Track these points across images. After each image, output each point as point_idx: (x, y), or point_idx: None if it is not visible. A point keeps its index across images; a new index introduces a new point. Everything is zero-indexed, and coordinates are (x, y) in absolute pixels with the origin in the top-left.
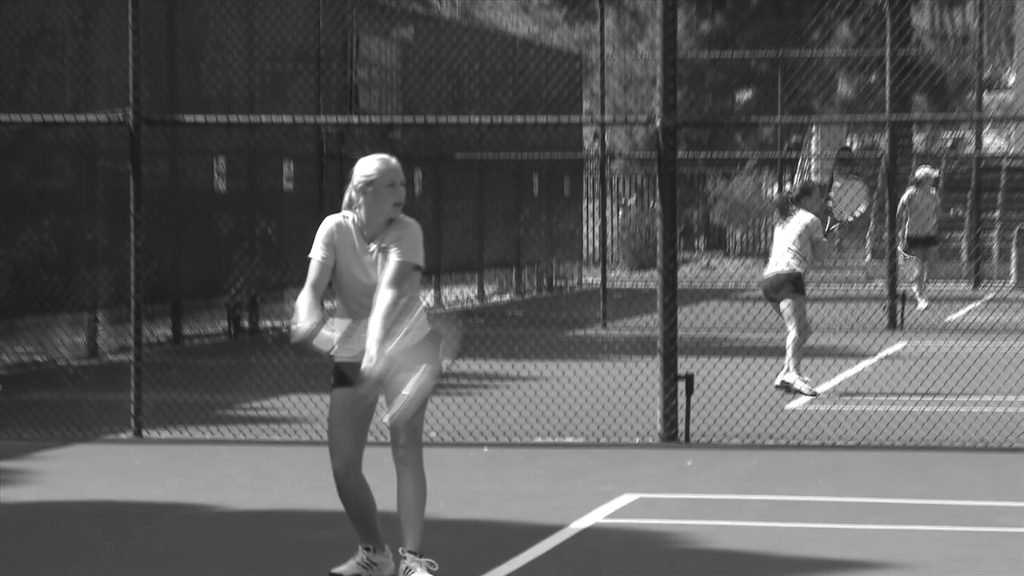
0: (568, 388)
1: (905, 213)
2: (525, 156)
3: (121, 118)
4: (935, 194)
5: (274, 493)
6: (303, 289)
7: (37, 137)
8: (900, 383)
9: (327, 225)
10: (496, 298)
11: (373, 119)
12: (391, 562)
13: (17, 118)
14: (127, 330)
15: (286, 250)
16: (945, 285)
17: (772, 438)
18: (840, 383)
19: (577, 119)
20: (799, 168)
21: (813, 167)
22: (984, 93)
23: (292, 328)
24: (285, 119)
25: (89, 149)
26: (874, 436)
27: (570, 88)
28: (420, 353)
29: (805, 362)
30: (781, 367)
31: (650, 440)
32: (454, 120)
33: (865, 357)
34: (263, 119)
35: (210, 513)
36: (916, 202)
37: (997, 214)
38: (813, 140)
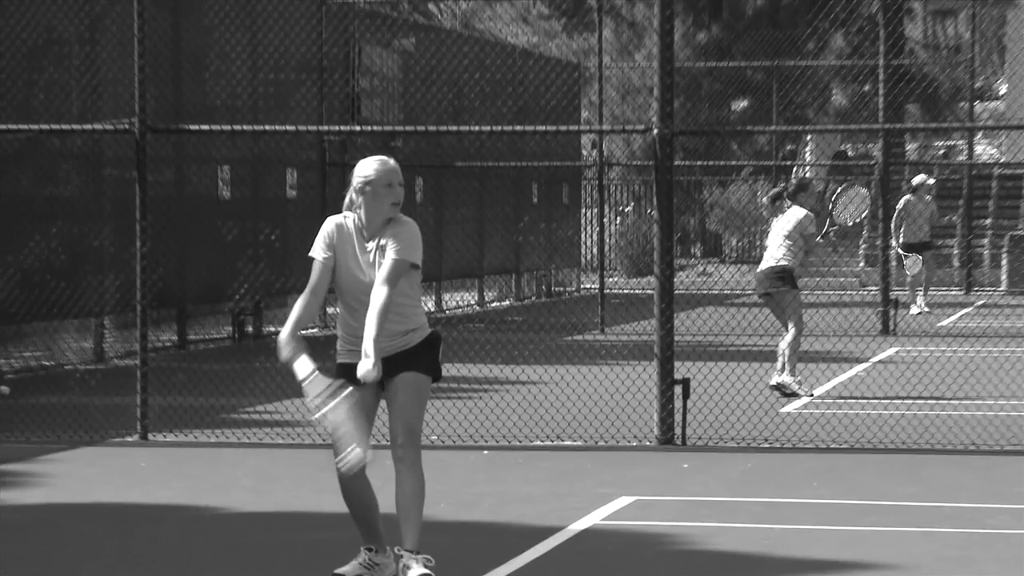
0: (567, 392)
1: (899, 219)
2: (524, 164)
3: (127, 127)
4: (930, 201)
5: (278, 495)
6: (303, 294)
7: (44, 145)
8: (893, 387)
9: (328, 225)
10: (496, 304)
11: (375, 128)
12: (393, 563)
13: (25, 127)
14: (133, 335)
15: (289, 256)
16: (937, 291)
17: (767, 441)
18: (834, 387)
19: (576, 128)
20: (793, 175)
21: (808, 173)
22: (976, 102)
23: (278, 341)
24: (288, 128)
25: (96, 157)
26: (867, 439)
27: (569, 97)
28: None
29: (799, 366)
30: (776, 371)
31: (647, 443)
32: (454, 129)
33: (858, 362)
34: (267, 128)
35: (215, 515)
36: (910, 209)
37: (989, 221)
38: (807, 149)
